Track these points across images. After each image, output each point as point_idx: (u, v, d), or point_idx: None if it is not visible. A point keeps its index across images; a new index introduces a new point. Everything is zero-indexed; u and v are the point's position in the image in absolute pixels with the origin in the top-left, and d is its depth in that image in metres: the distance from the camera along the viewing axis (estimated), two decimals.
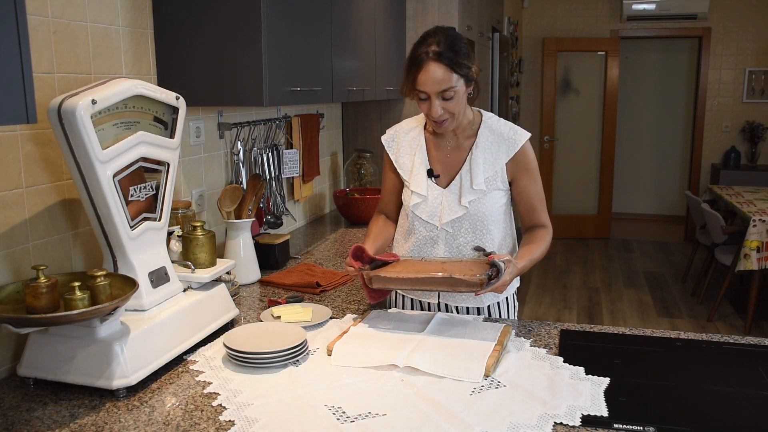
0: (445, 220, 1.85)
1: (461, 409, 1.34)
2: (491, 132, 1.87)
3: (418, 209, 1.88)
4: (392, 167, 1.97)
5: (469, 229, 1.86)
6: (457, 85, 1.72)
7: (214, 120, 2.49)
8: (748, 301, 4.61)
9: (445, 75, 1.70)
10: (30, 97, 1.15)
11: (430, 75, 1.70)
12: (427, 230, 1.89)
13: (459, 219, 1.85)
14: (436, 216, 1.87)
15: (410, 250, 1.93)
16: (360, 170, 3.69)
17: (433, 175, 1.89)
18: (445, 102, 1.74)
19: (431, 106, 1.74)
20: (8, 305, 1.45)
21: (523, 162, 1.86)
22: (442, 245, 1.89)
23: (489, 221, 1.85)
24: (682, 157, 8.22)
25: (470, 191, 1.84)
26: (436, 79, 1.70)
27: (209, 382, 1.50)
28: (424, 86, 1.72)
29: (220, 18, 2.02)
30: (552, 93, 7.28)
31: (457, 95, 1.74)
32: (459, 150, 1.88)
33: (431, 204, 1.87)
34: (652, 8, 6.93)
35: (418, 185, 1.88)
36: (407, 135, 1.95)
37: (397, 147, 1.95)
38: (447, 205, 1.86)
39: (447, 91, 1.71)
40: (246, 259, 2.26)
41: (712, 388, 1.46)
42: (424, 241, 1.90)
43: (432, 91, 1.72)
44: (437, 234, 1.88)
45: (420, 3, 3.70)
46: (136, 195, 1.59)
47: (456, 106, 1.75)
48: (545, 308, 5.25)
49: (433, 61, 1.69)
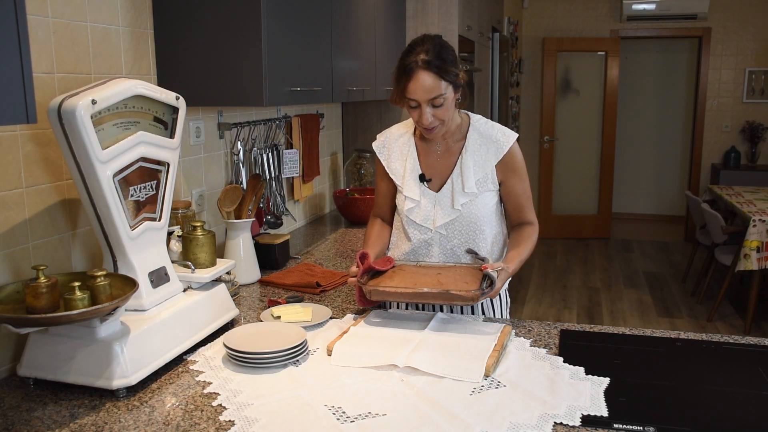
0: (439, 224, 1.89)
1: (461, 409, 1.35)
2: (480, 135, 1.90)
3: (412, 213, 1.92)
4: (384, 173, 2.00)
5: (462, 230, 1.90)
6: (446, 92, 1.75)
7: (214, 120, 2.49)
8: (748, 301, 4.61)
9: (434, 83, 1.72)
10: (30, 97, 1.15)
11: (420, 83, 1.72)
12: (421, 233, 1.92)
13: (452, 221, 1.89)
14: (429, 220, 1.90)
15: (406, 253, 1.97)
16: (360, 170, 3.69)
17: (425, 179, 1.91)
18: (435, 109, 1.76)
19: (422, 113, 1.77)
20: (8, 305, 1.45)
21: (511, 163, 1.90)
22: (436, 248, 1.93)
23: (481, 222, 1.89)
24: (682, 157, 8.22)
25: (462, 194, 1.87)
26: (426, 87, 1.72)
27: (209, 382, 1.50)
28: (415, 95, 1.74)
29: (220, 18, 2.02)
30: (552, 93, 7.28)
31: (447, 102, 1.76)
32: (449, 154, 1.92)
33: (424, 208, 1.90)
34: (652, 8, 6.93)
35: (410, 190, 1.91)
36: (397, 141, 1.98)
37: (388, 153, 1.98)
38: (440, 208, 1.89)
39: (437, 98, 1.74)
40: (246, 259, 2.26)
41: (712, 388, 1.46)
42: (419, 244, 1.94)
43: (422, 99, 1.74)
44: (431, 237, 1.92)
45: (420, 3, 3.70)
46: (136, 195, 1.59)
47: (445, 112, 1.78)
48: (545, 308, 5.25)
49: (423, 70, 1.72)
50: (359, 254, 1.82)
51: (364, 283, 1.76)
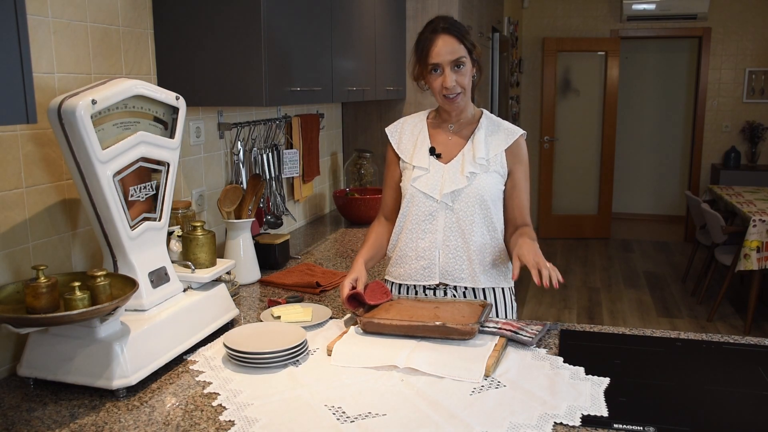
0: (446, 191, 1.87)
1: (461, 409, 1.34)
2: (491, 122, 1.96)
3: (417, 182, 1.90)
4: (394, 160, 2.00)
5: (468, 203, 1.87)
6: (466, 57, 1.83)
7: (214, 120, 2.49)
8: (748, 301, 4.61)
9: (455, 45, 1.81)
10: (30, 97, 1.15)
11: (443, 45, 1.81)
12: (426, 203, 1.90)
13: (459, 192, 1.87)
14: (436, 188, 1.88)
15: (410, 230, 1.92)
16: (360, 170, 3.69)
17: (435, 153, 1.93)
18: (457, 73, 1.82)
19: (445, 77, 1.82)
20: (8, 305, 1.45)
21: (519, 154, 1.94)
22: (441, 220, 1.89)
23: (487, 200, 1.88)
24: (682, 157, 8.21)
25: (472, 164, 1.88)
26: (449, 48, 1.81)
27: (209, 382, 1.50)
28: (438, 57, 1.81)
29: (220, 18, 2.02)
30: (552, 93, 7.28)
31: (467, 68, 1.84)
32: (460, 136, 1.95)
33: (432, 176, 1.90)
34: (652, 8, 6.93)
35: (419, 161, 1.93)
36: (410, 125, 2.02)
37: (399, 135, 2.01)
38: (448, 177, 1.89)
39: (459, 59, 1.81)
40: (246, 259, 2.26)
41: (712, 388, 1.46)
42: (423, 216, 1.91)
43: (446, 60, 1.81)
44: (436, 208, 1.89)
45: (420, 3, 3.70)
46: (136, 195, 1.59)
47: (465, 78, 1.84)
48: (545, 308, 5.25)
49: (445, 33, 1.82)
50: (348, 296, 1.77)
51: (360, 315, 1.74)
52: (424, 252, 1.92)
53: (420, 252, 1.92)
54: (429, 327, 1.64)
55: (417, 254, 1.93)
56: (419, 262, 1.93)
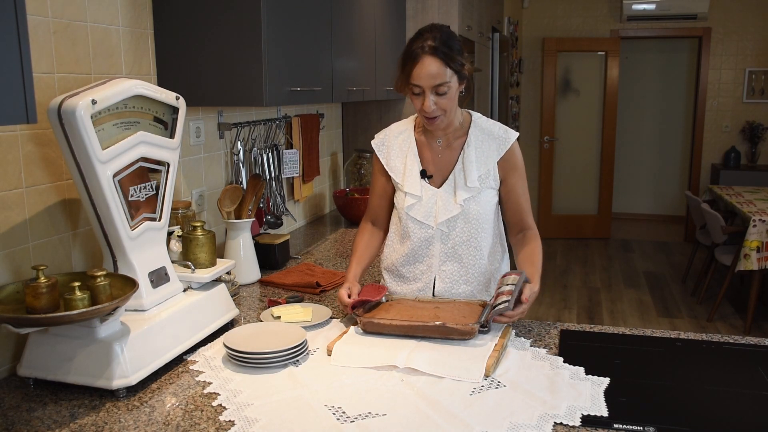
0: (441, 220, 1.86)
1: (461, 409, 1.35)
2: (481, 131, 1.89)
3: (412, 210, 1.88)
4: (382, 171, 1.96)
5: (463, 228, 1.87)
6: (450, 80, 1.73)
7: (214, 120, 2.49)
8: (748, 301, 4.61)
9: (439, 69, 1.71)
10: (30, 97, 1.15)
11: (426, 69, 1.71)
12: (422, 231, 1.89)
13: (454, 218, 1.86)
14: (431, 216, 1.87)
15: (406, 254, 1.92)
16: (360, 170, 3.69)
17: (427, 175, 1.89)
18: (438, 97, 1.75)
19: (424, 100, 1.75)
20: (8, 305, 1.45)
21: (513, 161, 1.88)
22: (437, 245, 1.89)
23: (483, 220, 1.86)
24: (682, 157, 8.21)
25: (465, 189, 1.85)
26: (431, 72, 1.71)
27: (209, 382, 1.50)
28: (419, 80, 1.73)
29: (220, 18, 2.02)
30: (552, 93, 7.28)
31: (450, 91, 1.75)
32: (450, 150, 1.89)
33: (426, 204, 1.87)
34: (652, 8, 6.93)
35: (412, 186, 1.88)
36: (397, 138, 1.95)
37: (387, 150, 1.95)
38: (442, 204, 1.86)
39: (441, 86, 1.73)
40: (246, 259, 2.26)
41: (712, 388, 1.46)
42: (419, 243, 1.90)
43: (426, 85, 1.72)
44: (432, 234, 1.88)
45: (420, 3, 3.70)
46: (136, 195, 1.59)
47: (448, 102, 1.76)
48: (545, 308, 5.25)
49: (429, 55, 1.71)
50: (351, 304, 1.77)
51: (360, 315, 1.74)
52: (421, 275, 1.92)
53: (417, 275, 1.93)
54: (429, 327, 1.64)
55: (414, 276, 1.93)
56: (416, 284, 1.93)
